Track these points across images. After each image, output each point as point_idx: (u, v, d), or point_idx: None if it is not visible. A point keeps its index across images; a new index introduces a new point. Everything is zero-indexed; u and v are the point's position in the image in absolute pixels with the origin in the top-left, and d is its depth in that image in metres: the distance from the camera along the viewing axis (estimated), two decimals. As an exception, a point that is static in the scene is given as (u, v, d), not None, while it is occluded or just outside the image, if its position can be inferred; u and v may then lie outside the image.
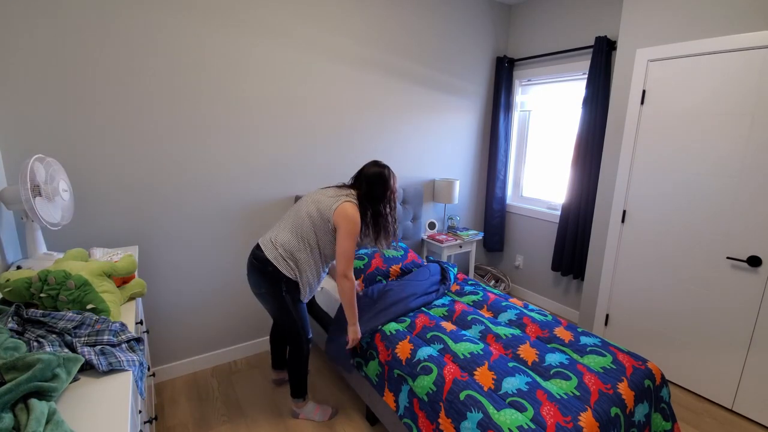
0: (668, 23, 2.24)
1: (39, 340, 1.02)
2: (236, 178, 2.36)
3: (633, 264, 2.57)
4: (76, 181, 1.90)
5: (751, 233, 2.05)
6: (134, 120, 2.01)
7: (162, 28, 1.99)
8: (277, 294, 1.84)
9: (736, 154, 2.06)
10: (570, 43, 2.98)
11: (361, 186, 1.88)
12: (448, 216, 3.42)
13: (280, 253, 1.81)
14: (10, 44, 1.69)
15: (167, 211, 2.19)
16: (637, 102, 2.42)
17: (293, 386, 2.02)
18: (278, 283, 1.82)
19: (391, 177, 1.89)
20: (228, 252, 2.43)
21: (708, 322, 2.26)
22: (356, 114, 2.74)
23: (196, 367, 2.47)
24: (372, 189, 1.86)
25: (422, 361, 1.72)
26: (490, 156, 3.57)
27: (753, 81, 1.98)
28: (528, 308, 2.21)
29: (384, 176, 1.87)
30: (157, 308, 2.26)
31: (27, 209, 1.44)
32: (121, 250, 1.88)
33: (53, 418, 0.78)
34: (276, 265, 1.79)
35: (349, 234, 1.77)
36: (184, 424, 2.05)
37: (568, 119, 3.20)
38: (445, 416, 1.52)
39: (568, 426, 1.35)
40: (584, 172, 2.88)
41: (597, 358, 1.73)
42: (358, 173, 1.93)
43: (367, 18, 2.63)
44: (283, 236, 1.84)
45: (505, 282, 3.67)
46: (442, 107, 3.18)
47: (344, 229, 1.76)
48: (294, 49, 2.38)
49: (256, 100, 2.32)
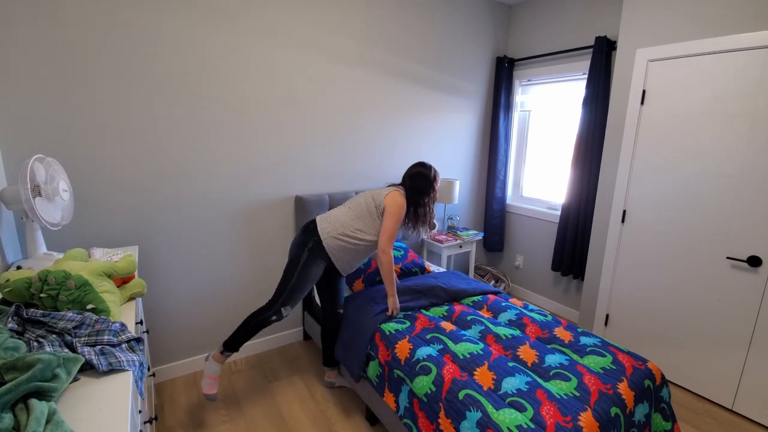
0: (668, 23, 2.24)
1: (39, 340, 1.02)
2: (236, 179, 2.36)
3: (633, 264, 2.56)
4: (76, 181, 1.90)
5: (751, 233, 2.05)
6: (134, 120, 2.01)
7: (162, 29, 1.99)
8: (302, 245, 2.02)
9: (736, 154, 2.06)
10: (570, 43, 2.98)
11: (405, 182, 2.14)
12: (448, 216, 3.42)
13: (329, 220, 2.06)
14: (10, 44, 1.69)
15: (167, 211, 2.19)
16: (637, 102, 2.42)
17: (231, 337, 2.02)
18: (309, 237, 2.02)
19: (431, 173, 2.12)
20: (228, 252, 2.43)
21: (708, 322, 2.25)
22: (356, 114, 2.74)
23: (196, 367, 2.47)
24: (415, 183, 2.10)
25: (421, 361, 1.72)
26: (490, 156, 3.57)
27: (753, 81, 1.98)
28: (528, 308, 2.21)
29: (424, 173, 2.11)
30: (157, 308, 2.26)
31: (27, 209, 1.44)
32: (121, 250, 1.89)
33: (53, 419, 0.78)
34: (318, 224, 2.04)
35: (393, 214, 2.00)
36: (184, 424, 2.05)
37: (568, 119, 3.20)
38: (445, 416, 1.52)
39: (567, 426, 1.35)
40: (584, 172, 2.88)
41: (597, 359, 1.73)
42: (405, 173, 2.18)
43: (367, 18, 2.63)
44: (338, 212, 2.10)
45: (505, 282, 3.67)
46: (443, 107, 3.18)
47: (390, 210, 2.01)
48: (294, 49, 2.38)
49: (256, 100, 2.32)
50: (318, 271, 2.03)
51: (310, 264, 1.99)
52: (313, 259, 1.99)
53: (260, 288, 2.60)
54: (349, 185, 2.82)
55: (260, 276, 2.58)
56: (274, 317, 1.99)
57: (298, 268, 1.98)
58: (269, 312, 1.99)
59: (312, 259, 1.99)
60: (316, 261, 2.00)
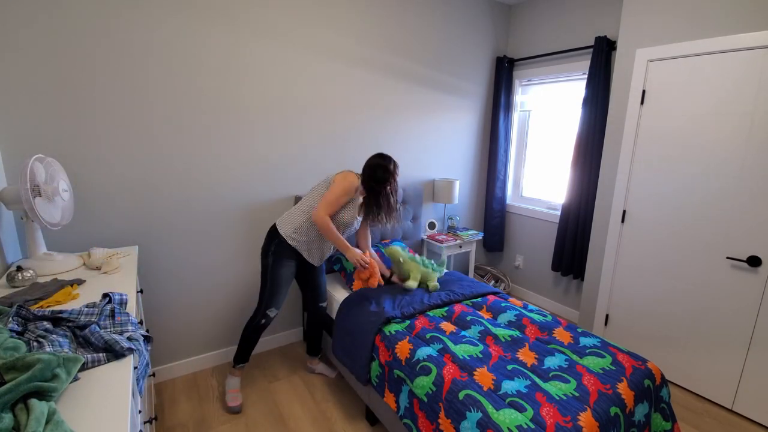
0: (668, 23, 2.24)
1: (39, 340, 1.02)
2: (236, 178, 2.36)
3: (633, 264, 2.56)
4: (76, 181, 1.90)
5: (751, 233, 2.05)
6: (134, 120, 2.01)
7: (162, 29, 1.99)
8: (265, 252, 2.08)
9: (736, 154, 2.06)
10: (570, 43, 2.98)
11: (365, 171, 2.09)
12: (448, 216, 3.42)
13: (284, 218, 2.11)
14: (10, 44, 1.69)
15: (167, 211, 2.19)
16: (637, 102, 2.42)
17: (237, 350, 2.17)
18: (271, 241, 2.07)
19: (390, 164, 2.07)
20: (228, 251, 2.43)
21: (708, 322, 2.25)
22: (356, 114, 2.74)
23: (196, 367, 2.47)
24: (374, 172, 2.05)
25: (421, 361, 1.72)
26: (490, 156, 3.57)
27: (753, 81, 1.98)
28: (528, 309, 2.21)
29: (383, 164, 2.06)
30: (157, 308, 2.26)
31: (27, 209, 1.44)
32: (121, 250, 1.89)
33: (53, 418, 0.78)
34: (277, 225, 2.09)
35: (338, 185, 1.99)
36: (184, 424, 2.05)
37: (568, 119, 3.20)
38: (445, 416, 1.52)
39: (567, 426, 1.35)
40: (584, 172, 2.88)
41: (596, 359, 1.73)
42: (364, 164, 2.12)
43: (368, 18, 2.63)
44: (292, 208, 2.14)
45: (505, 282, 3.67)
46: (442, 107, 3.18)
47: (337, 183, 2.01)
48: (293, 49, 2.38)
49: (255, 100, 2.32)
50: (288, 271, 2.10)
51: (277, 266, 2.06)
52: (279, 261, 2.06)
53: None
54: (349, 185, 2.82)
55: (260, 276, 2.57)
56: (263, 320, 2.11)
57: (268, 273, 2.07)
58: (257, 318, 2.11)
59: (278, 261, 2.06)
60: (282, 262, 2.07)
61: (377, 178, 2.05)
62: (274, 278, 2.07)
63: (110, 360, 1.03)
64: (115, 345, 1.05)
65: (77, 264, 1.71)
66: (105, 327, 1.14)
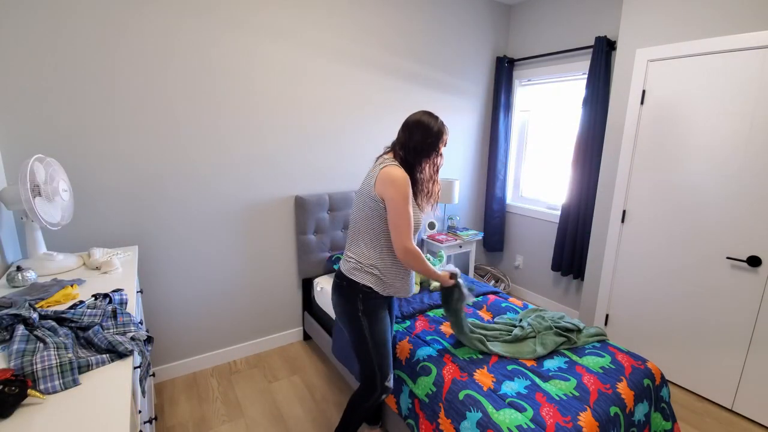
0: (668, 23, 2.24)
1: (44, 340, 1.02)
2: (236, 178, 2.36)
3: (633, 264, 2.56)
4: (75, 181, 1.90)
5: (751, 233, 2.05)
6: (134, 120, 2.01)
7: (162, 29, 1.99)
8: (353, 315, 1.56)
9: (735, 154, 2.06)
10: (570, 43, 2.98)
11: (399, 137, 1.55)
12: (447, 216, 3.42)
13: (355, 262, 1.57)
14: (11, 44, 1.69)
15: (167, 211, 2.19)
16: (637, 102, 2.42)
17: (341, 425, 1.73)
18: (354, 299, 1.55)
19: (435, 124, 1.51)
20: (228, 252, 2.43)
21: (708, 321, 2.25)
22: (357, 114, 2.74)
23: (195, 367, 2.47)
24: (412, 136, 1.50)
25: (421, 361, 1.72)
26: (490, 156, 3.57)
27: (753, 81, 1.98)
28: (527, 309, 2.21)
29: (425, 123, 1.50)
30: (156, 308, 2.26)
31: (27, 209, 1.44)
32: (121, 251, 1.89)
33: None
34: (350, 277, 1.56)
35: (399, 200, 1.44)
36: (183, 424, 2.05)
37: (567, 119, 3.20)
38: (445, 416, 1.52)
39: (567, 426, 1.35)
40: (584, 172, 2.88)
41: (596, 359, 1.73)
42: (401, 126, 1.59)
43: (368, 18, 2.63)
44: (351, 244, 1.61)
45: (505, 282, 3.67)
46: (442, 107, 3.18)
47: (390, 196, 1.45)
48: (295, 50, 2.38)
49: (255, 100, 2.32)
50: (385, 322, 1.62)
51: (374, 324, 1.57)
52: (374, 317, 1.57)
53: (260, 287, 2.60)
54: (348, 185, 2.82)
55: (260, 275, 2.58)
56: (384, 395, 1.65)
57: (368, 337, 1.57)
58: (376, 393, 1.63)
59: (373, 318, 1.57)
60: (378, 316, 1.58)
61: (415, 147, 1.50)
62: (376, 341, 1.57)
63: (114, 360, 1.03)
64: (119, 346, 1.05)
65: (77, 264, 1.71)
66: (108, 328, 1.14)
